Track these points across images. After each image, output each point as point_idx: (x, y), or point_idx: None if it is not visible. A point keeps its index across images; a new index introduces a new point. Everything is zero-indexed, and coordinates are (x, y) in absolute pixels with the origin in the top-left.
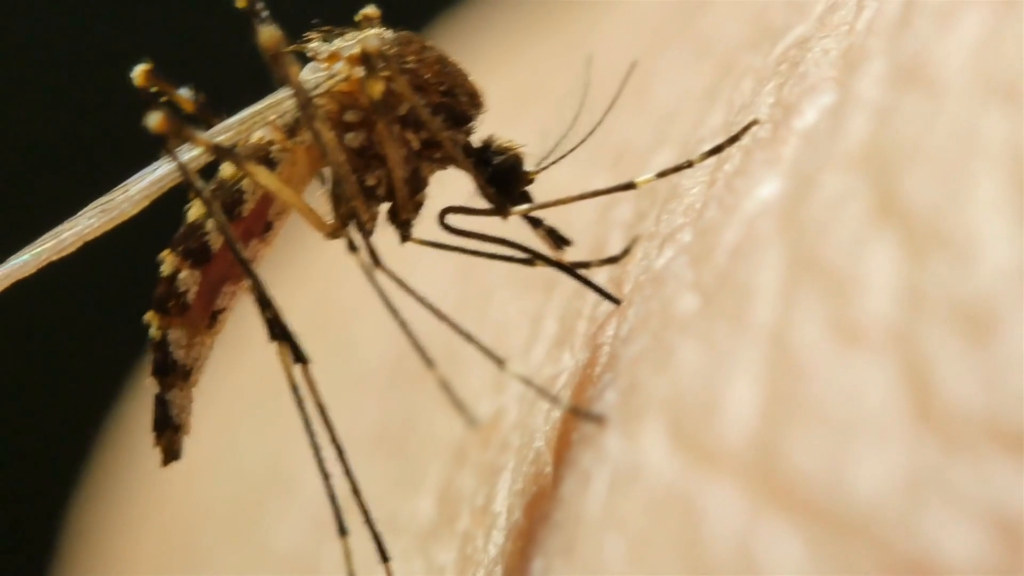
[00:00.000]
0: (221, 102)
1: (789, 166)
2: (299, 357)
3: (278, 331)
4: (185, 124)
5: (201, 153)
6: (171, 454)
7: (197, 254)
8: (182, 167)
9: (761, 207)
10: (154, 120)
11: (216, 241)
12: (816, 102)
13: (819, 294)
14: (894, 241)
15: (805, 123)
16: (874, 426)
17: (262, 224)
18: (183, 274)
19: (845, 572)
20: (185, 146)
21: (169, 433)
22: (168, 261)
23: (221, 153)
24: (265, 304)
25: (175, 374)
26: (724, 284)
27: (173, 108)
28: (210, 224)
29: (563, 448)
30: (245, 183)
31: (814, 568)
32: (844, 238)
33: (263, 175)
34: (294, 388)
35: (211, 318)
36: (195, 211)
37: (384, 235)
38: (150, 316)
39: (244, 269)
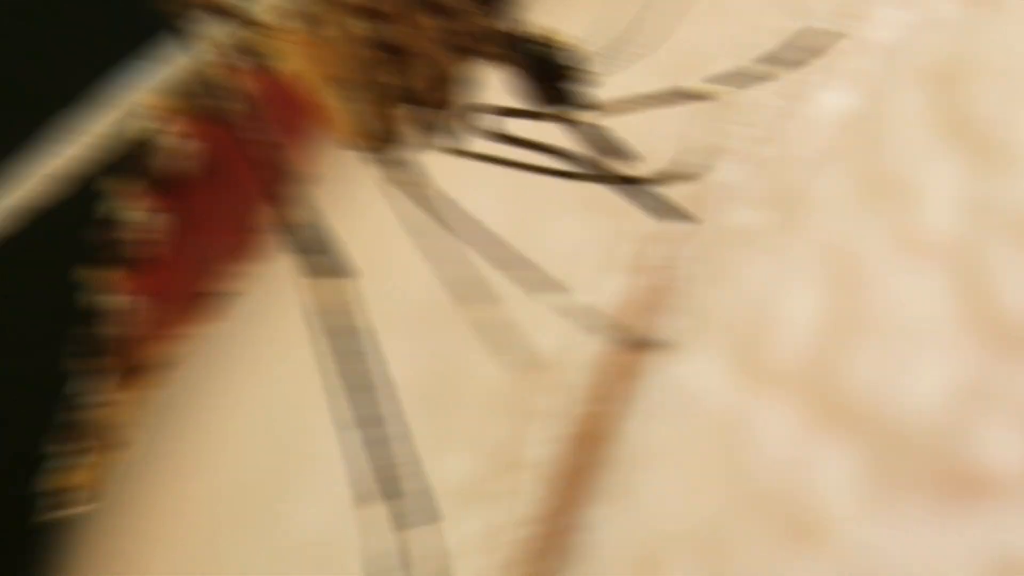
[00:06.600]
0: None
1: (862, 81)
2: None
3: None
4: None
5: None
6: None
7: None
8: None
9: (831, 121)
10: None
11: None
12: (891, 18)
13: (884, 208)
14: (959, 155)
15: (880, 38)
16: (932, 337)
17: None
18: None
19: (898, 485)
20: None
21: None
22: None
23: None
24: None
25: None
26: (790, 198)
27: None
28: None
29: (613, 382)
30: None
31: (866, 483)
32: (912, 152)
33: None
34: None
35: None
36: None
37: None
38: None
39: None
